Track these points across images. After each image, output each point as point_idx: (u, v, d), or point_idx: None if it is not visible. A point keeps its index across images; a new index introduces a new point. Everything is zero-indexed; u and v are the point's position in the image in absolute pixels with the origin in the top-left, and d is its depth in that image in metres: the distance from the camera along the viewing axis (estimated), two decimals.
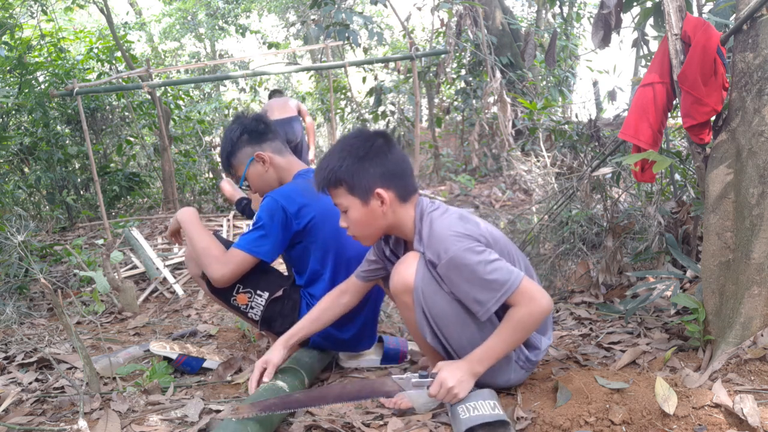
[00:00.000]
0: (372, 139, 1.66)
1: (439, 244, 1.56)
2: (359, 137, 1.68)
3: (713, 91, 1.85)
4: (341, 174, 1.63)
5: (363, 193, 1.63)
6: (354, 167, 1.62)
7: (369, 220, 1.66)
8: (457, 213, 1.66)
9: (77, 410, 1.87)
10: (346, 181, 1.63)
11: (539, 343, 1.72)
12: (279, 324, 2.15)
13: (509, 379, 1.71)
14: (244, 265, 2.04)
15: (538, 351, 1.72)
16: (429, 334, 1.66)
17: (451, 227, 1.58)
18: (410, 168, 1.71)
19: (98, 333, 2.98)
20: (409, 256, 1.67)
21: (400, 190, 1.65)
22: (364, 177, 1.62)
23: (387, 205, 1.63)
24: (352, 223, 1.68)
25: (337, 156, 1.65)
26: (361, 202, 1.64)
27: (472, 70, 7.90)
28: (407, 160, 1.71)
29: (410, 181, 1.69)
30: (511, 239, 3.97)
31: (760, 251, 1.67)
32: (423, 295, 1.61)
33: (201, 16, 11.78)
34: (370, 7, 12.03)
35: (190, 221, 2.15)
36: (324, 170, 1.66)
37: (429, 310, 1.63)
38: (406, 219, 1.67)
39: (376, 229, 1.69)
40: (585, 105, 8.12)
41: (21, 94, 5.85)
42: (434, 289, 1.61)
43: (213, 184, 8.08)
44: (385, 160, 1.64)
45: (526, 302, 1.53)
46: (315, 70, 9.15)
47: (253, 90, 10.72)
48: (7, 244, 3.74)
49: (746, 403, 1.43)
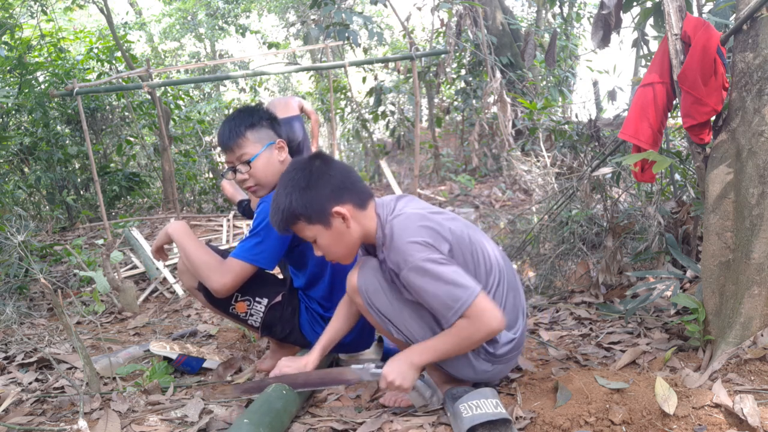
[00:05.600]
0: (308, 165, 1.67)
1: (399, 254, 1.58)
2: (296, 168, 1.67)
3: (713, 91, 1.85)
4: (294, 209, 1.63)
5: (322, 218, 1.63)
6: (303, 198, 1.62)
7: (338, 240, 1.67)
8: (417, 216, 1.64)
9: (77, 410, 1.88)
10: (302, 214, 1.63)
11: (498, 336, 1.68)
12: (280, 329, 2.14)
13: (475, 372, 1.70)
14: (243, 275, 2.00)
15: (497, 344, 1.68)
16: (393, 330, 1.71)
17: (412, 236, 1.58)
18: (356, 175, 1.71)
19: (98, 333, 2.98)
20: (359, 261, 1.75)
21: (355, 200, 1.66)
22: (316, 203, 1.62)
23: (349, 218, 1.64)
24: (324, 249, 1.69)
25: (283, 195, 1.65)
26: (324, 227, 1.65)
27: (472, 70, 7.90)
28: (350, 169, 1.72)
29: (362, 187, 1.70)
30: (511, 239, 3.99)
31: (760, 251, 1.67)
32: (368, 295, 1.69)
33: (201, 16, 11.76)
34: (370, 7, 12.03)
35: (182, 234, 2.07)
36: (277, 213, 1.66)
37: (378, 308, 1.69)
38: (370, 226, 1.69)
39: (349, 246, 1.70)
40: (585, 105, 8.13)
41: (21, 94, 5.84)
42: (376, 287, 1.68)
43: (213, 184, 8.08)
44: (329, 177, 1.64)
45: (475, 318, 1.56)
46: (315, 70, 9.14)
47: (253, 90, 10.71)
48: (7, 244, 3.74)
49: (746, 403, 1.43)
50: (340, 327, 1.92)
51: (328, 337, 1.91)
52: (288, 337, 2.16)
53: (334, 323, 1.93)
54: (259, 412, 1.57)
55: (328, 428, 1.67)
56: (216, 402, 1.93)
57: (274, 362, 2.24)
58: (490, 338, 1.62)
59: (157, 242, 2.18)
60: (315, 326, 2.14)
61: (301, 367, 1.83)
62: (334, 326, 1.93)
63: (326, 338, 1.91)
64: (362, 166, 10.11)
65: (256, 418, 1.53)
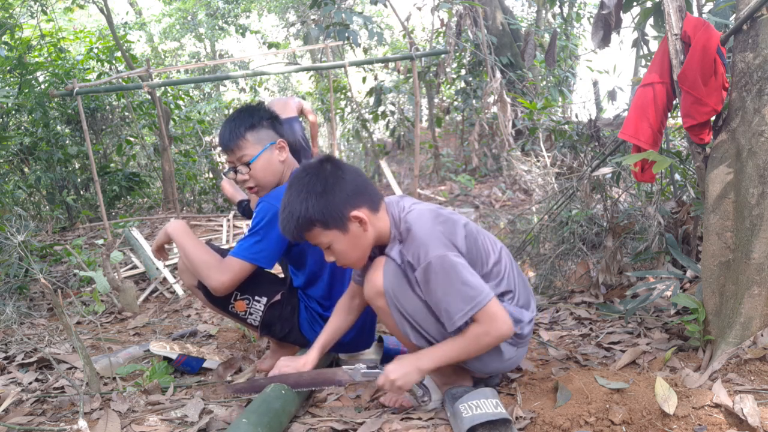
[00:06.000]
0: (320, 169, 1.63)
1: (420, 247, 1.57)
2: (309, 173, 1.63)
3: (713, 91, 1.85)
4: (311, 216, 1.58)
5: (339, 224, 1.60)
6: (320, 204, 1.58)
7: (355, 245, 1.65)
8: (429, 213, 1.64)
9: (77, 410, 1.87)
10: (319, 220, 1.59)
11: (521, 315, 1.71)
12: (279, 328, 2.14)
13: (502, 361, 1.71)
14: (242, 273, 2.00)
15: (522, 323, 1.71)
16: (412, 334, 1.69)
17: (432, 231, 1.59)
18: (366, 178, 1.69)
19: (98, 333, 2.98)
20: (375, 262, 1.71)
21: (369, 203, 1.64)
22: (333, 208, 1.59)
23: (366, 222, 1.62)
24: (339, 255, 1.66)
25: (297, 201, 1.60)
26: (341, 232, 1.61)
27: (472, 70, 7.90)
28: (360, 171, 1.70)
29: (374, 189, 1.68)
30: (511, 239, 3.99)
31: (760, 251, 1.67)
32: (395, 296, 1.65)
33: (201, 16, 11.76)
34: (370, 7, 12.02)
35: (181, 233, 2.07)
36: (292, 220, 1.61)
37: (404, 309, 1.66)
38: (384, 227, 1.68)
39: (364, 250, 1.68)
40: (585, 105, 8.13)
41: (21, 94, 5.84)
42: (404, 288, 1.65)
43: (213, 184, 8.08)
44: (344, 182, 1.61)
45: (487, 323, 1.57)
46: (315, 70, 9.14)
47: (253, 90, 10.71)
48: (7, 244, 3.74)
49: (746, 403, 1.43)
50: (339, 325, 1.92)
51: (326, 336, 1.91)
52: (287, 337, 2.16)
53: (333, 321, 1.92)
54: (258, 412, 1.57)
55: (328, 428, 1.67)
56: (216, 402, 1.93)
57: (274, 362, 2.24)
58: (498, 343, 1.63)
59: (157, 242, 2.19)
60: (314, 325, 2.15)
61: (300, 367, 1.83)
62: (332, 325, 1.92)
63: (325, 337, 1.90)
64: (362, 166, 10.11)
65: (255, 417, 1.53)
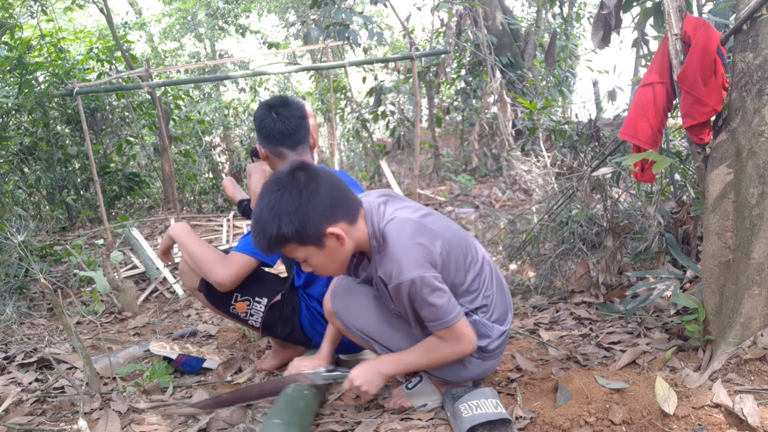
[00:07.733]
0: (293, 181, 1.48)
1: (392, 265, 1.50)
2: (280, 186, 1.48)
3: (713, 91, 1.85)
4: (284, 234, 1.47)
5: (315, 240, 1.49)
6: (293, 222, 1.46)
7: (333, 259, 1.55)
8: (410, 226, 1.55)
9: (77, 410, 1.87)
10: (293, 238, 1.48)
11: (490, 331, 1.68)
12: (281, 329, 2.14)
13: (467, 370, 1.71)
14: (246, 268, 2.02)
15: (490, 338, 1.68)
16: (377, 347, 1.72)
17: (408, 249, 1.51)
18: (343, 185, 1.56)
19: (98, 333, 2.98)
20: (332, 283, 1.78)
21: (346, 216, 1.52)
22: (308, 225, 1.46)
23: (344, 237, 1.52)
24: (316, 268, 1.58)
25: (269, 219, 1.47)
26: (317, 248, 1.51)
27: (472, 70, 7.90)
28: (337, 179, 1.56)
29: (351, 199, 1.56)
30: (511, 239, 3.99)
31: (760, 251, 1.67)
32: (346, 318, 1.72)
33: (201, 16, 11.76)
34: (370, 7, 12.03)
35: (183, 233, 2.09)
36: (264, 237, 1.49)
37: (358, 329, 1.71)
38: (362, 237, 1.58)
39: (342, 262, 1.59)
40: (585, 105, 8.12)
41: (21, 94, 5.85)
42: (353, 308, 1.70)
43: (213, 184, 8.09)
44: (318, 196, 1.48)
45: (452, 341, 1.59)
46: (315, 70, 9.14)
47: (253, 90, 10.71)
48: (7, 244, 3.74)
49: (746, 403, 1.43)
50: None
51: (333, 330, 1.92)
52: (289, 337, 2.17)
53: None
54: (286, 412, 1.59)
55: (328, 428, 1.67)
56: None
57: (275, 362, 2.25)
58: (458, 359, 1.65)
59: (161, 246, 2.22)
60: (316, 324, 2.15)
61: (316, 365, 1.84)
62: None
63: (332, 330, 1.92)
64: (362, 166, 10.11)
65: (286, 417, 1.55)
